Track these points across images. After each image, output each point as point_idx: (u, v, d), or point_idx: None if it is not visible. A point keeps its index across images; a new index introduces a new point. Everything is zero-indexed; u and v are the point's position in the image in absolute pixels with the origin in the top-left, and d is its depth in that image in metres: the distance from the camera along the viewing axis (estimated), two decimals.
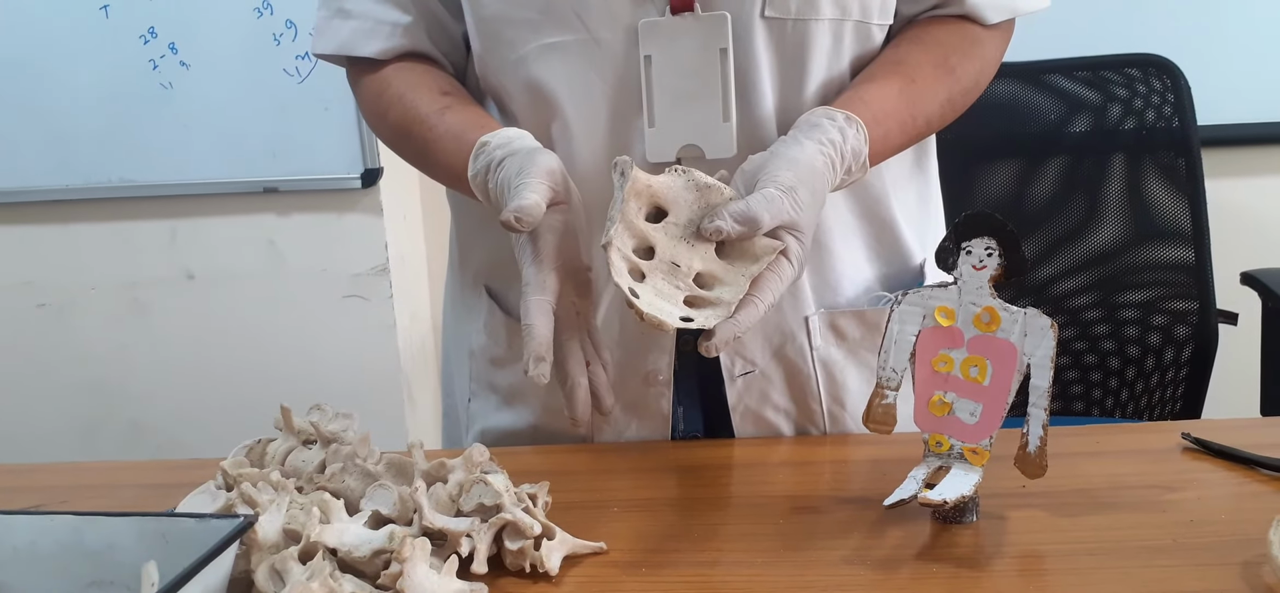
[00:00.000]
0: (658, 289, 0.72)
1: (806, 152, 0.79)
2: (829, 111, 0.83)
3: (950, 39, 0.92)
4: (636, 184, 0.73)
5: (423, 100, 0.92)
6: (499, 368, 1.01)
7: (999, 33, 0.95)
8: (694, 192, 0.76)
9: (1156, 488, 0.79)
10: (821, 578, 0.70)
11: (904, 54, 0.91)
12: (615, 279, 0.70)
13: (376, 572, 0.69)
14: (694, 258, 0.74)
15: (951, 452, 0.76)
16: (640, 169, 0.74)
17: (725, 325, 0.72)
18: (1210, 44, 2.03)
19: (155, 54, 2.12)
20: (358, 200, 2.16)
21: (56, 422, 2.35)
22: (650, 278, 0.73)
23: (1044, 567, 0.70)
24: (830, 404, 0.96)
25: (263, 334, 2.23)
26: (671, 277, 0.73)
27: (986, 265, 0.74)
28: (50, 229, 2.27)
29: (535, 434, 1.00)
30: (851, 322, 0.95)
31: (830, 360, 0.95)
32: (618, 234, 0.72)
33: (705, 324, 0.72)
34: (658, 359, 0.93)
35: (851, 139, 0.82)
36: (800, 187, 0.76)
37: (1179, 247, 1.57)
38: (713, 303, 0.73)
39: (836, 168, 0.81)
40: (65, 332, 2.32)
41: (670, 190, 0.75)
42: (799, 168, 0.77)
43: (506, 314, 0.99)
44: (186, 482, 0.82)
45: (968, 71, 0.92)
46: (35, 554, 0.70)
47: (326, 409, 0.84)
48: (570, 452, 0.95)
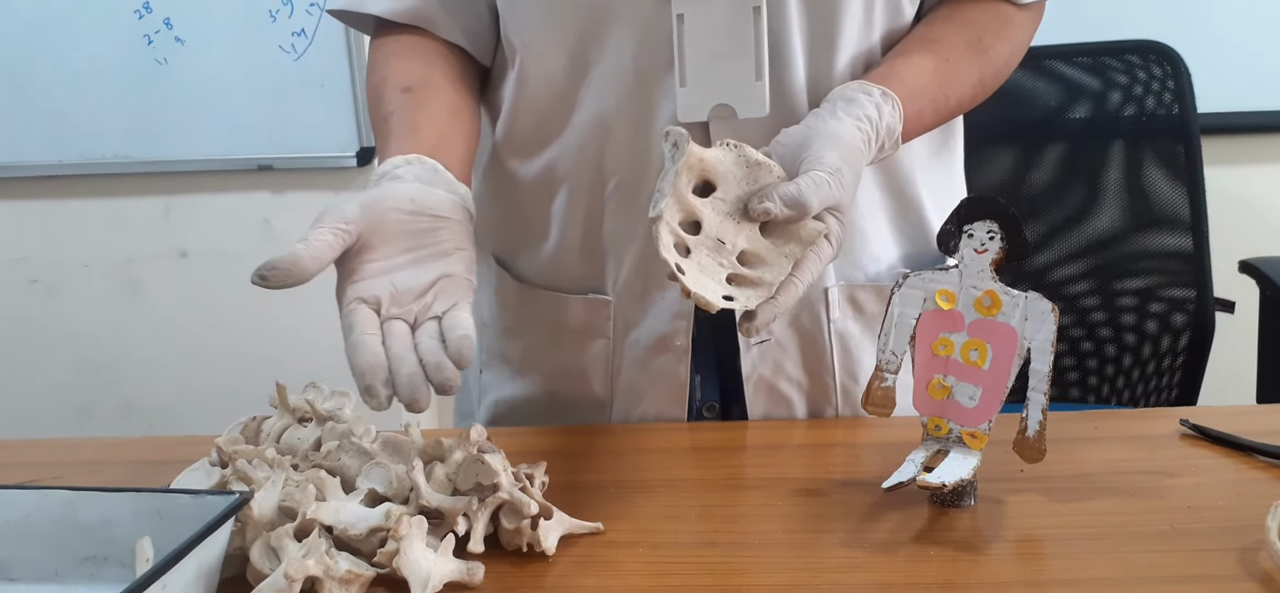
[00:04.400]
0: (702, 265, 0.72)
1: (846, 128, 0.79)
2: (865, 86, 0.83)
3: (984, 19, 0.91)
4: (690, 158, 0.72)
5: (387, 94, 0.88)
6: (511, 337, 1.01)
7: (1031, 13, 0.94)
8: (743, 168, 0.75)
9: (1155, 474, 0.79)
10: (819, 560, 0.70)
11: (938, 32, 0.90)
12: (662, 254, 0.70)
13: (372, 550, 0.69)
14: (739, 236, 0.74)
15: (950, 435, 0.76)
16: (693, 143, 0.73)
17: (766, 307, 0.73)
18: (1211, 32, 2.03)
19: (150, 30, 2.11)
20: (353, 179, 2.15)
21: (48, 399, 2.35)
22: (695, 253, 0.72)
23: (1041, 551, 0.70)
24: (844, 378, 0.96)
25: (256, 314, 2.22)
26: (716, 253, 0.73)
27: (988, 249, 0.74)
28: (43, 205, 2.26)
29: (550, 402, 0.99)
30: (870, 296, 0.95)
31: (846, 334, 0.95)
32: (668, 208, 0.71)
33: (747, 305, 0.72)
34: (676, 326, 0.93)
35: (887, 115, 0.81)
36: (845, 168, 0.75)
37: (1177, 234, 1.58)
38: (754, 283, 0.73)
39: (872, 145, 0.81)
40: (58, 309, 2.31)
41: (721, 165, 0.74)
42: (841, 147, 0.77)
43: (518, 282, 0.99)
44: (180, 458, 0.82)
45: (999, 52, 0.91)
46: (29, 529, 0.70)
47: (322, 388, 0.83)
48: (570, 433, 0.94)
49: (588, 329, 0.96)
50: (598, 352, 0.96)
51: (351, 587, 0.66)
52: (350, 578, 0.66)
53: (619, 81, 0.87)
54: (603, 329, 0.95)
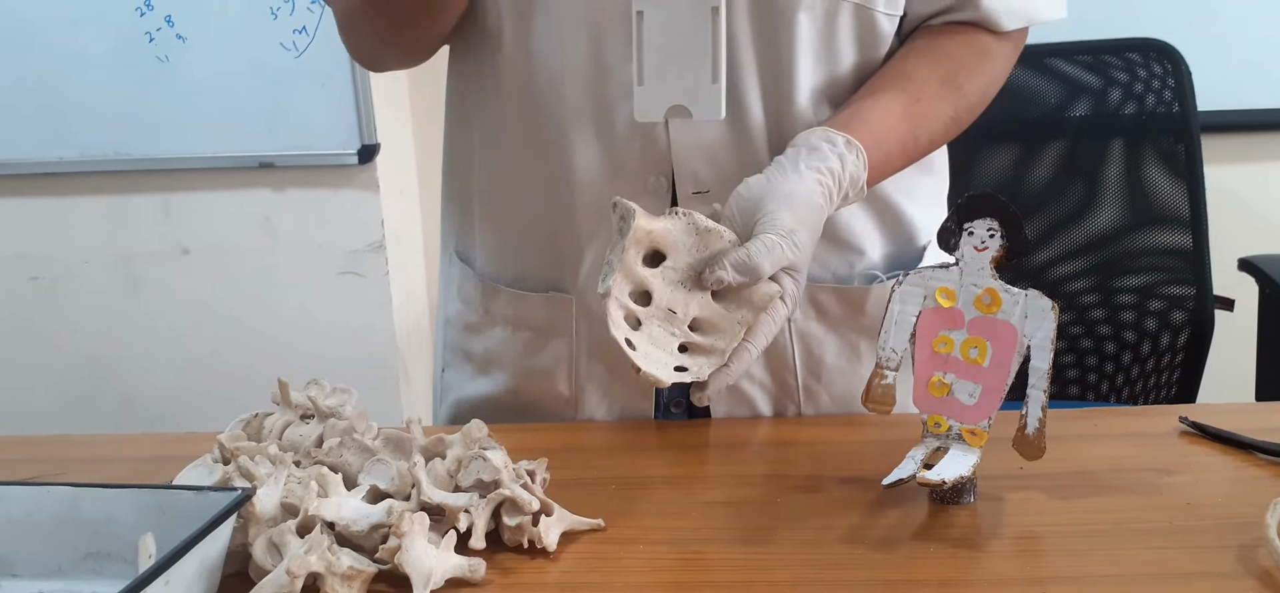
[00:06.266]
0: (653, 337, 0.72)
1: (805, 184, 0.78)
2: (829, 134, 0.82)
3: (960, 52, 0.90)
4: (637, 232, 0.72)
5: None
6: (473, 334, 1.00)
7: (1009, 43, 0.93)
8: (693, 235, 0.75)
9: (1154, 471, 0.79)
10: (819, 557, 0.70)
11: (912, 68, 0.89)
12: (613, 331, 0.71)
13: (374, 546, 0.69)
14: (691, 303, 0.74)
15: (950, 433, 0.76)
16: (641, 215, 0.73)
17: (718, 376, 0.74)
18: (1212, 30, 2.03)
19: (151, 27, 2.11)
20: (354, 176, 2.15)
21: (48, 396, 2.35)
22: (646, 325, 0.73)
23: (1041, 548, 0.70)
24: (806, 378, 0.96)
25: (256, 311, 2.22)
26: (667, 323, 0.74)
27: (988, 246, 0.74)
28: (44, 202, 2.26)
29: (514, 400, 0.98)
30: (832, 297, 0.95)
31: (808, 334, 0.95)
32: (617, 284, 0.72)
33: (700, 375, 0.73)
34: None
35: (851, 166, 0.81)
36: (800, 228, 0.75)
37: (1177, 232, 1.58)
38: (707, 351, 0.74)
39: (834, 198, 0.80)
40: (58, 306, 2.31)
41: (670, 235, 0.74)
42: (797, 205, 0.76)
43: (480, 278, 0.98)
44: (181, 455, 0.82)
45: (975, 87, 0.91)
46: (32, 525, 0.70)
47: (324, 384, 0.83)
48: (571, 429, 0.95)
49: (550, 327, 0.95)
50: (560, 350, 0.95)
51: (353, 583, 0.66)
52: (352, 574, 0.66)
53: (580, 80, 0.88)
54: (565, 327, 0.95)
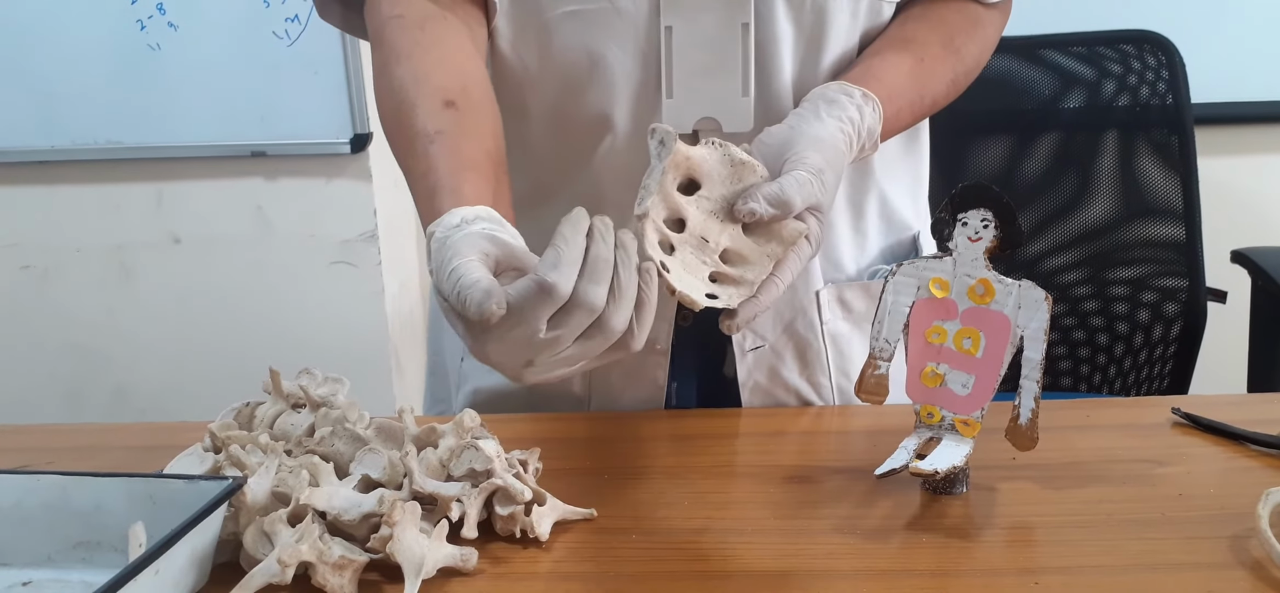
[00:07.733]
0: (686, 263, 0.73)
1: (829, 129, 0.79)
2: (846, 87, 0.83)
3: (955, 18, 0.93)
4: (676, 156, 0.73)
5: (423, 106, 0.79)
6: None
7: (998, 12, 0.96)
8: (728, 167, 0.75)
9: (1146, 462, 0.79)
10: (811, 546, 0.70)
11: (912, 32, 0.91)
12: (648, 251, 0.70)
13: (366, 536, 0.69)
14: (722, 234, 0.74)
15: (943, 423, 0.76)
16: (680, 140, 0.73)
17: (748, 305, 0.73)
18: (1206, 22, 2.03)
19: (143, 14, 2.10)
20: (346, 165, 2.15)
21: (39, 385, 2.34)
22: (679, 251, 0.73)
23: (1033, 538, 0.71)
24: (838, 377, 0.98)
25: (249, 301, 2.22)
26: (700, 251, 0.74)
27: (982, 237, 0.74)
28: (35, 190, 2.25)
29: (530, 393, 0.99)
30: (857, 294, 0.97)
31: (838, 334, 0.97)
32: (654, 205, 0.72)
33: (729, 303, 0.73)
34: (658, 328, 0.93)
35: (868, 117, 0.83)
36: (827, 170, 0.76)
37: (1170, 224, 1.58)
38: (737, 282, 0.74)
39: (853, 146, 0.82)
40: (50, 294, 2.30)
41: (706, 164, 0.75)
42: (824, 148, 0.77)
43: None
44: (173, 444, 0.82)
45: (970, 52, 0.93)
46: (22, 514, 0.69)
47: (316, 374, 0.83)
48: (563, 420, 0.94)
49: None
50: None
51: (345, 572, 0.66)
52: (343, 564, 0.66)
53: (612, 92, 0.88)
54: None
